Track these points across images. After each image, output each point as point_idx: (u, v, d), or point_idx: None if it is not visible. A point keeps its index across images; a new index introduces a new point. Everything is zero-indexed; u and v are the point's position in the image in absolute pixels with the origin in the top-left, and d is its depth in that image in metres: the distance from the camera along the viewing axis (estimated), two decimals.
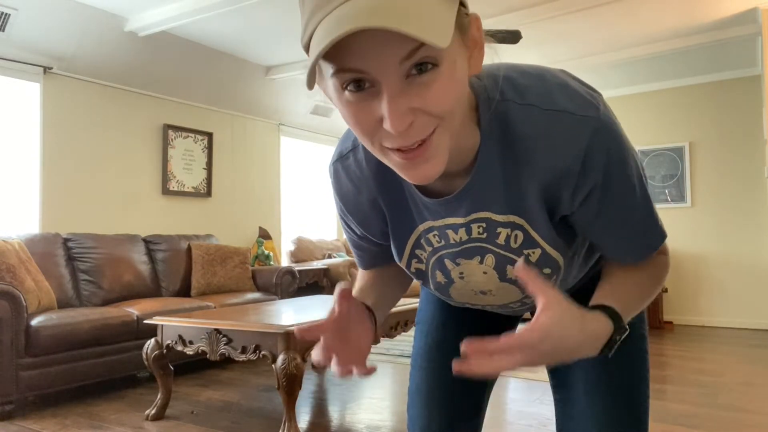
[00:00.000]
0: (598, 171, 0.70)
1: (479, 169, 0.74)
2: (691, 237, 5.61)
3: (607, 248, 0.80)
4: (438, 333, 1.09)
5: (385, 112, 0.58)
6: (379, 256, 0.96)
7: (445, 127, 0.62)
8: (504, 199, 0.76)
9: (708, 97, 5.58)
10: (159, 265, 4.23)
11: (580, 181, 0.71)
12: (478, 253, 0.83)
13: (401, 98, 0.58)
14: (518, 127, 0.71)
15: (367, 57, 0.56)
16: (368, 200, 0.86)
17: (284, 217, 6.00)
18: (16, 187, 3.90)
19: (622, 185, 0.72)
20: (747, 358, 3.99)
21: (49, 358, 2.97)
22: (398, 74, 0.57)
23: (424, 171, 0.64)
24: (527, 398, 2.97)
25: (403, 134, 0.60)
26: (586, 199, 0.73)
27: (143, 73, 4.54)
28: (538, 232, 0.78)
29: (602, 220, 0.75)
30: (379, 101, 0.59)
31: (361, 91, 0.59)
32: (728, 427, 2.50)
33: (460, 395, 1.04)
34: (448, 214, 0.80)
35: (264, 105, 5.62)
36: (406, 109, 0.58)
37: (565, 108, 0.69)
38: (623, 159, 0.71)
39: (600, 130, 0.69)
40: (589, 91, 0.72)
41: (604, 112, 0.70)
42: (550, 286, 0.65)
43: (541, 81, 0.72)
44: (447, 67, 0.59)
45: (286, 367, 2.29)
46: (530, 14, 3.94)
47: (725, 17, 4.10)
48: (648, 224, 0.77)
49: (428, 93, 0.58)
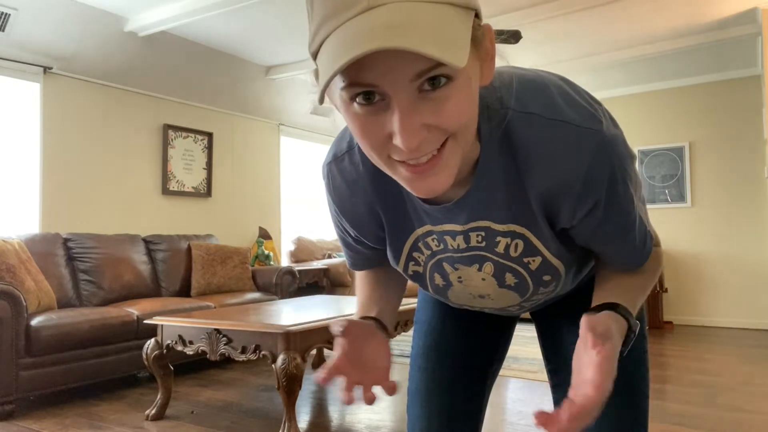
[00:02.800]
0: (601, 187, 0.69)
1: (480, 177, 0.73)
2: (691, 237, 5.61)
3: (607, 257, 0.81)
4: (436, 333, 1.08)
5: (397, 128, 0.56)
6: (372, 258, 0.95)
7: (457, 142, 0.61)
8: (505, 208, 0.75)
9: (708, 97, 5.58)
10: (159, 265, 4.23)
11: (582, 196, 0.70)
12: (477, 261, 0.82)
13: (414, 114, 0.56)
14: (520, 135, 0.69)
15: (382, 73, 0.54)
16: (364, 203, 0.84)
17: (284, 217, 6.00)
18: (16, 187, 3.90)
19: (624, 200, 0.72)
20: (747, 358, 3.99)
21: (49, 358, 2.97)
22: (411, 89, 0.55)
23: (432, 184, 0.62)
24: (527, 398, 2.97)
25: (414, 150, 0.58)
26: (588, 214, 0.72)
27: (143, 73, 4.54)
28: (540, 240, 0.77)
29: (603, 231, 0.75)
30: (389, 115, 0.57)
31: (370, 104, 0.57)
32: (728, 427, 2.50)
33: (460, 396, 1.04)
34: (447, 221, 0.79)
35: (264, 105, 5.62)
36: (418, 126, 0.57)
37: (569, 119, 0.68)
38: (626, 174, 0.70)
39: (603, 145, 0.67)
40: (591, 102, 0.71)
41: (607, 126, 0.69)
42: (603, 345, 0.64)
43: (543, 89, 0.70)
44: (462, 82, 0.57)
45: (286, 367, 2.29)
46: (530, 14, 3.94)
47: (725, 17, 4.10)
48: (645, 231, 0.78)
49: (443, 109, 0.57)
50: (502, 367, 1.19)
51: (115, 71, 4.37)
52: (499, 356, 1.12)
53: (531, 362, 3.73)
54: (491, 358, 1.10)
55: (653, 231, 0.82)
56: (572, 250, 0.81)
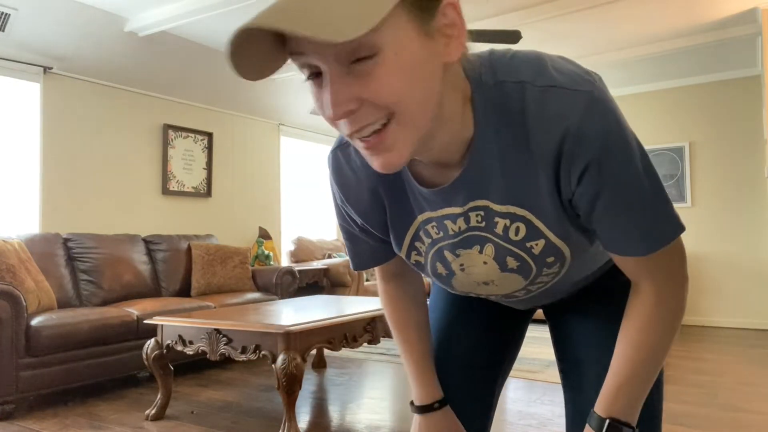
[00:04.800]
0: (593, 144, 0.67)
1: (475, 156, 0.72)
2: (691, 237, 5.61)
3: (609, 237, 0.74)
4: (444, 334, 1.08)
5: (325, 98, 0.60)
6: (377, 252, 0.95)
7: (399, 122, 0.61)
8: (504, 187, 0.74)
9: (708, 97, 5.58)
10: (159, 265, 4.23)
11: (575, 155, 0.68)
12: (478, 242, 0.81)
13: (341, 85, 0.58)
14: (512, 106, 0.69)
15: (302, 42, 0.57)
16: (368, 189, 0.85)
17: (284, 217, 6.00)
18: (16, 187, 3.90)
19: (620, 163, 0.68)
20: (747, 358, 3.99)
21: (49, 358, 2.97)
22: (335, 60, 0.58)
23: (386, 160, 0.64)
24: (527, 398, 2.97)
25: (347, 122, 0.61)
26: (582, 175, 0.69)
27: (143, 73, 4.54)
28: (543, 221, 0.76)
29: (603, 201, 0.70)
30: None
31: (317, 78, 0.61)
32: (727, 427, 2.50)
33: (469, 395, 1.04)
34: (446, 204, 0.78)
35: (264, 105, 5.62)
36: (344, 97, 0.59)
37: (560, 83, 0.68)
38: (620, 134, 0.68)
39: (594, 102, 0.67)
40: (586, 71, 0.70)
41: (599, 88, 0.68)
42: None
43: (535, 60, 0.71)
44: (389, 57, 0.57)
45: (286, 367, 2.29)
46: (530, 14, 3.94)
47: (725, 17, 4.10)
48: (656, 211, 0.71)
49: (367, 82, 0.58)
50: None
51: (115, 71, 4.37)
52: (509, 357, 1.12)
53: (531, 362, 3.73)
54: (502, 358, 1.10)
55: (678, 222, 0.73)
56: (578, 232, 0.78)
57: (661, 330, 0.77)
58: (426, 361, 1.01)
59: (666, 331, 0.78)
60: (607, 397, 0.81)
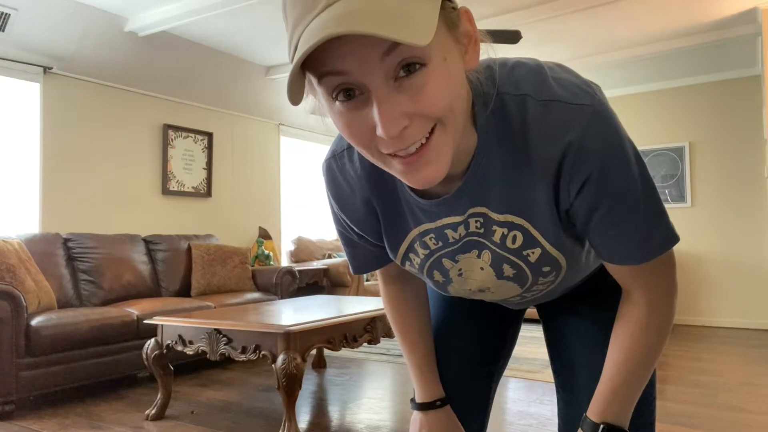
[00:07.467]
0: (593, 158, 0.67)
1: (477, 163, 0.73)
2: (691, 237, 5.61)
3: (605, 247, 0.75)
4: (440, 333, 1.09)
5: (377, 118, 0.57)
6: (376, 256, 0.95)
7: (444, 128, 0.60)
8: (503, 196, 0.75)
9: (708, 97, 5.58)
10: (159, 265, 4.23)
11: (575, 168, 0.68)
12: (476, 247, 0.82)
13: (392, 102, 0.56)
14: (514, 118, 0.70)
15: (347, 58, 0.55)
16: (362, 200, 0.85)
17: (284, 217, 6.00)
18: (16, 187, 3.90)
19: (619, 175, 0.69)
20: (746, 358, 3.99)
21: (49, 358, 2.97)
22: (383, 76, 0.56)
23: (426, 174, 0.62)
24: (527, 398, 2.97)
25: (397, 139, 0.58)
26: (582, 188, 0.70)
27: (143, 73, 4.54)
28: (540, 231, 0.76)
29: (600, 212, 0.71)
30: (369, 108, 0.58)
31: (351, 100, 0.58)
32: (727, 427, 2.50)
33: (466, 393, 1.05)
34: (446, 214, 0.79)
35: (264, 105, 5.62)
36: (398, 114, 0.57)
37: (560, 97, 0.68)
38: (619, 147, 0.68)
39: (595, 117, 0.67)
40: (585, 82, 0.71)
41: (599, 101, 0.69)
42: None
43: (536, 72, 0.71)
44: (437, 66, 0.57)
45: (286, 367, 2.29)
46: (530, 14, 3.94)
47: (725, 17, 4.10)
48: (652, 222, 0.72)
49: (421, 95, 0.57)
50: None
51: (115, 71, 4.37)
52: (505, 353, 1.13)
53: (531, 362, 3.73)
54: (497, 356, 1.10)
55: (673, 232, 0.74)
56: (574, 242, 0.79)
57: (652, 336, 0.80)
58: (428, 360, 1.02)
59: (657, 337, 0.80)
60: (600, 402, 0.82)
